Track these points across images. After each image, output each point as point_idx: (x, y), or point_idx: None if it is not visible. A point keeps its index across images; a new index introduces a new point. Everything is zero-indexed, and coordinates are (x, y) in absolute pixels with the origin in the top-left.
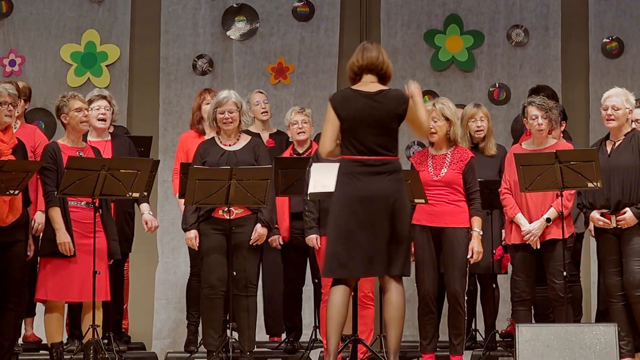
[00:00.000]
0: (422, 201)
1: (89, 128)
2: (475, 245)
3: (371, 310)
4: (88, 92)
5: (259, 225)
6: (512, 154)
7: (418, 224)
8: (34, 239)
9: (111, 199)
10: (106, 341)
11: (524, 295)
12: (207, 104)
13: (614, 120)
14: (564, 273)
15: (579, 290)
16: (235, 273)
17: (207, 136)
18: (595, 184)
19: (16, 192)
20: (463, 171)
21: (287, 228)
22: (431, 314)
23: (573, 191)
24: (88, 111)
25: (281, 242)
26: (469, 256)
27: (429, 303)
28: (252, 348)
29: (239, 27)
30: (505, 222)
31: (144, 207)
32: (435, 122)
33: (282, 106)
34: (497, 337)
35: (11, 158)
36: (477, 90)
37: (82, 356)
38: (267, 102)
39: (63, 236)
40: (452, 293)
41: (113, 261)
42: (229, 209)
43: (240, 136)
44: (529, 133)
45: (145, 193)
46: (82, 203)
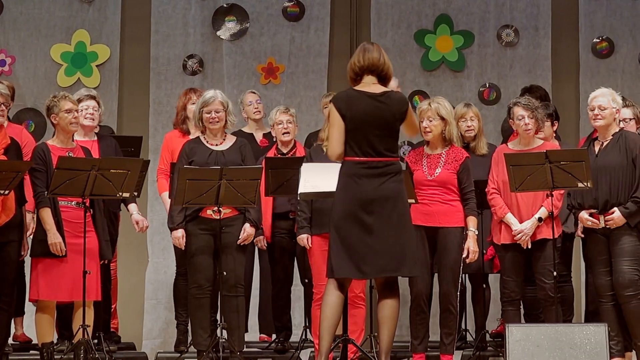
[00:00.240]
0: (413, 201)
1: (78, 128)
2: (471, 245)
3: (362, 310)
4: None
5: (248, 225)
6: (499, 154)
7: (412, 224)
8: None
9: (102, 200)
10: (96, 341)
11: (514, 295)
12: (193, 104)
13: (602, 119)
14: (554, 273)
15: (570, 290)
16: (225, 273)
17: (192, 136)
18: (585, 184)
19: (6, 192)
20: (458, 171)
21: (270, 228)
22: (423, 314)
23: (562, 191)
24: (78, 112)
25: (265, 243)
26: (464, 256)
27: (421, 303)
28: (242, 348)
29: (229, 27)
30: (492, 222)
31: (133, 208)
32: (430, 122)
33: (272, 106)
34: (488, 337)
35: (2, 158)
36: (467, 90)
37: (73, 356)
38: (260, 102)
39: (54, 237)
40: (445, 292)
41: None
42: (219, 209)
43: (226, 136)
44: (517, 134)
45: (135, 193)
46: (73, 203)
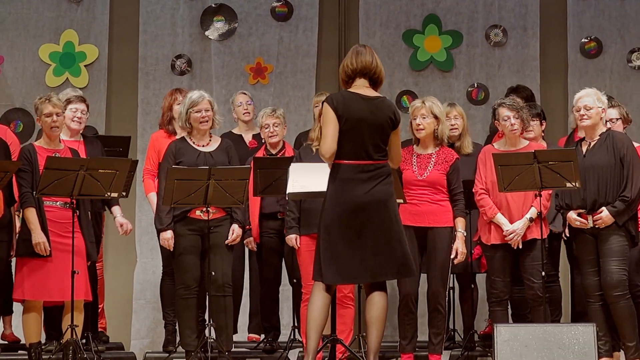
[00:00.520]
0: (401, 201)
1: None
2: (459, 246)
3: (351, 310)
4: (66, 93)
5: (236, 225)
6: (486, 154)
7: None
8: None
9: (88, 201)
10: (84, 341)
11: (502, 295)
12: (179, 104)
13: (588, 119)
14: (542, 273)
15: (558, 290)
16: (213, 273)
17: (178, 136)
18: (574, 184)
19: None
20: (448, 172)
21: (257, 228)
22: (411, 314)
23: (550, 191)
24: (58, 116)
25: (255, 245)
26: (453, 256)
27: (410, 303)
28: (230, 348)
29: (218, 27)
30: (480, 222)
31: (116, 210)
32: (424, 119)
33: (261, 106)
34: (476, 337)
35: None
36: (456, 90)
37: (61, 356)
38: (250, 104)
39: (38, 236)
40: (434, 292)
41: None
42: (207, 209)
43: (212, 137)
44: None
45: (124, 193)
46: (58, 203)
